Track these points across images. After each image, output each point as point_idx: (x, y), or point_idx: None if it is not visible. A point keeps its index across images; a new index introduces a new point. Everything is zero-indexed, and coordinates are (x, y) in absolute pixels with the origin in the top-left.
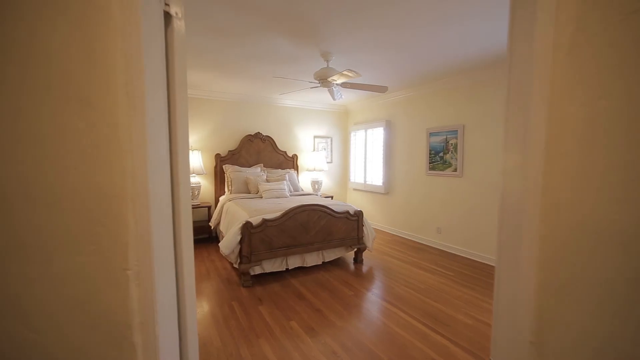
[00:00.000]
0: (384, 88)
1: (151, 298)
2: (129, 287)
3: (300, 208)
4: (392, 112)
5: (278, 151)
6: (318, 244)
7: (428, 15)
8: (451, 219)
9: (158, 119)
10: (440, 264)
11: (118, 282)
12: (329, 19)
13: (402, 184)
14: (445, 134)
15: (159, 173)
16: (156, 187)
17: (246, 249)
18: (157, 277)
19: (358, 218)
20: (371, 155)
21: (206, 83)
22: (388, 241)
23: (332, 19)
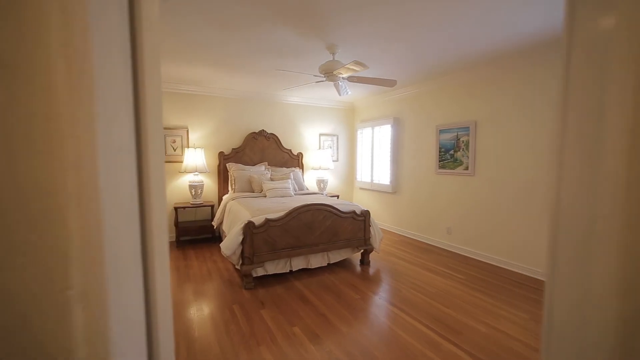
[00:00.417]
0: (393, 82)
1: (103, 325)
2: (70, 312)
3: (305, 207)
4: (400, 109)
5: (283, 149)
6: (323, 245)
7: (438, 5)
8: (462, 219)
9: (115, 92)
10: (450, 266)
11: (56, 306)
12: (335, 9)
13: (410, 182)
14: (456, 131)
15: (116, 163)
16: (112, 181)
17: (248, 250)
18: (112, 298)
19: (365, 218)
20: (378, 154)
21: (209, 79)
22: (395, 242)
23: (338, 9)
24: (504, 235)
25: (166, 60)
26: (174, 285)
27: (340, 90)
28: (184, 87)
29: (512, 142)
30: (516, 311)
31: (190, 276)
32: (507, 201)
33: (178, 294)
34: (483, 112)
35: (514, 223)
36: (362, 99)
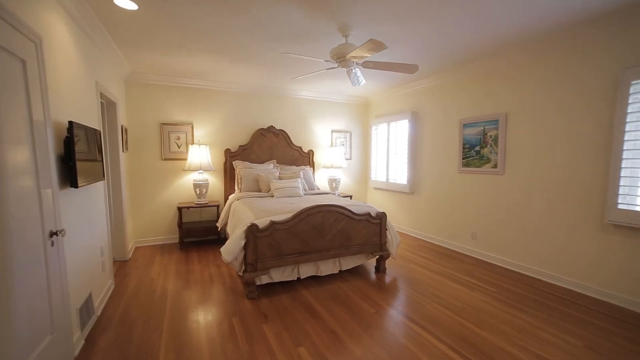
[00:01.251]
0: (414, 67)
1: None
2: None
3: (315, 209)
4: (419, 103)
5: (292, 146)
6: (334, 250)
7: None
8: (489, 222)
9: None
10: (478, 276)
11: None
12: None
13: (429, 182)
14: (482, 125)
15: None
16: None
17: (251, 255)
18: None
19: (381, 221)
20: (394, 151)
21: (214, 71)
22: (414, 247)
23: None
24: (539, 242)
25: (170, 53)
26: (172, 291)
27: (353, 79)
28: (189, 81)
29: (549, 136)
30: (564, 335)
31: (190, 282)
32: (542, 202)
33: (174, 303)
34: (515, 103)
35: (551, 227)
36: (377, 92)
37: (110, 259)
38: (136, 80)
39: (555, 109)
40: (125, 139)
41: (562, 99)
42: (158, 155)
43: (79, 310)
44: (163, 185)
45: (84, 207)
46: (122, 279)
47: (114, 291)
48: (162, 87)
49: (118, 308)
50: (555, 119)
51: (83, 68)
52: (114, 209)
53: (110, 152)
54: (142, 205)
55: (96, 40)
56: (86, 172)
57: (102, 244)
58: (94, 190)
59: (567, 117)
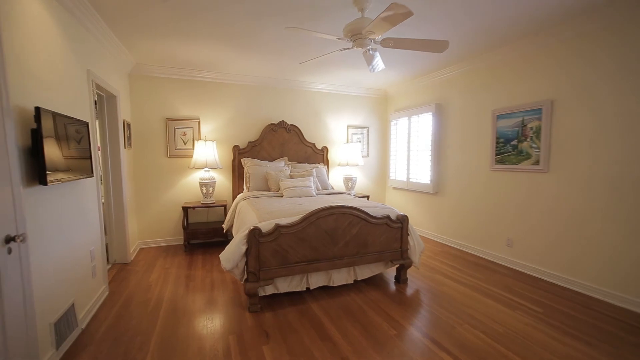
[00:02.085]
0: (443, 44)
1: None
2: None
3: (326, 211)
4: (444, 93)
5: (305, 143)
6: (348, 257)
7: None
8: (528, 227)
9: None
10: (518, 292)
11: None
12: None
13: (456, 181)
14: (521, 115)
15: None
16: None
17: (253, 263)
18: None
19: (402, 225)
20: (416, 148)
21: (220, 61)
22: (438, 253)
23: None
24: (594, 252)
25: (169, 39)
26: (168, 301)
27: (371, 62)
28: (195, 73)
29: (607, 126)
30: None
31: (188, 290)
32: (597, 205)
33: (167, 315)
34: (564, 88)
35: (611, 235)
36: (397, 84)
37: (104, 263)
38: (140, 73)
39: (612, 93)
40: (128, 135)
41: (628, 77)
42: (163, 152)
43: (54, 325)
44: (169, 184)
45: (62, 207)
46: (118, 285)
47: (107, 299)
48: (167, 80)
49: (106, 320)
50: (620, 104)
51: (70, 53)
52: (114, 208)
53: (110, 148)
54: (147, 204)
55: (86, 23)
56: (64, 168)
57: (92, 248)
58: (79, 188)
59: (627, 102)
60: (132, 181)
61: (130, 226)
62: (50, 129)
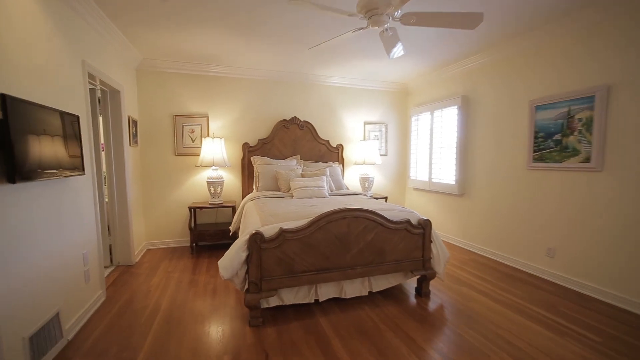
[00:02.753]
0: (476, 18)
1: None
2: None
3: (338, 214)
4: (471, 84)
5: (319, 140)
6: (362, 267)
7: None
8: (575, 235)
9: None
10: (566, 314)
11: None
12: None
13: (486, 181)
14: (566, 105)
15: None
16: None
17: (254, 271)
18: None
19: (424, 230)
20: (439, 145)
21: (228, 54)
22: (465, 262)
23: None
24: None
25: (180, 32)
26: (164, 310)
27: (388, 45)
28: (203, 67)
29: None
30: None
31: (188, 297)
32: None
33: (161, 327)
34: (624, 70)
35: None
36: (418, 76)
37: (101, 267)
38: (148, 68)
39: None
40: (134, 132)
41: None
42: (171, 150)
43: (29, 340)
44: (176, 183)
45: (43, 207)
46: (117, 289)
47: (102, 305)
48: (175, 75)
49: (96, 330)
50: None
51: (58, 40)
52: (118, 208)
53: (114, 145)
54: (154, 204)
55: (79, 9)
56: (46, 164)
57: (85, 250)
58: (68, 186)
59: None
60: (140, 180)
61: (136, 227)
62: (23, 121)
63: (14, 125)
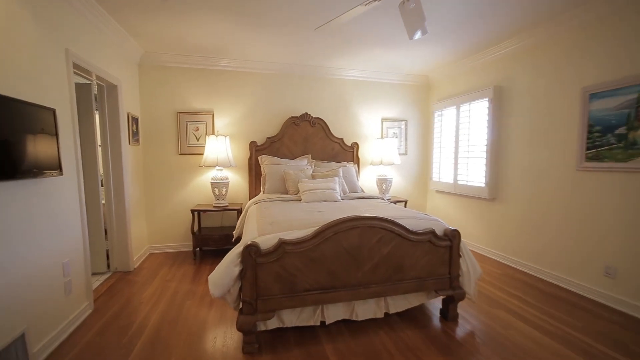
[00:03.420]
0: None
1: None
2: None
3: (348, 223)
4: (505, 72)
5: (332, 138)
6: (377, 285)
7: None
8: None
9: None
10: (637, 351)
11: None
12: None
13: (523, 184)
14: (635, 91)
15: None
16: None
17: (249, 290)
18: None
19: (451, 243)
20: (466, 143)
21: (232, 45)
22: (498, 277)
23: None
24: None
25: (180, 22)
26: (151, 328)
27: (410, 21)
28: (208, 61)
29: None
30: None
31: (181, 312)
32: None
33: (142, 350)
34: None
35: None
36: (442, 66)
37: (87, 277)
38: (150, 62)
39: None
40: (134, 130)
41: None
42: (174, 149)
43: None
44: (180, 184)
45: (5, 212)
46: (108, 300)
47: (88, 319)
48: (178, 70)
49: (71, 351)
50: None
51: (32, 22)
52: (115, 211)
53: (111, 143)
54: (157, 206)
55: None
56: (7, 165)
57: (67, 259)
58: (41, 189)
59: None
60: (141, 181)
61: (137, 230)
62: None
63: None
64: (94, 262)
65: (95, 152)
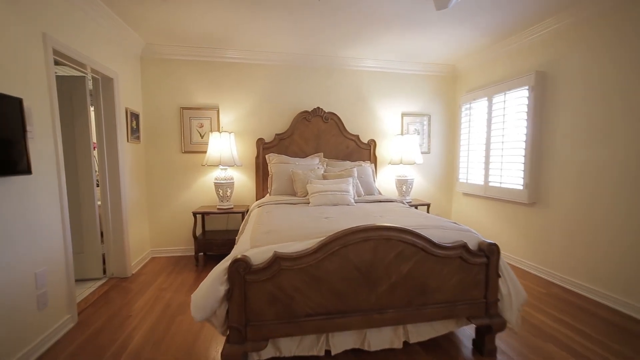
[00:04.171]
0: None
1: None
2: None
3: (359, 234)
4: (551, 55)
5: (347, 135)
6: (395, 310)
7: None
8: None
9: None
10: None
11: None
12: None
13: (573, 187)
14: None
15: None
16: None
17: (236, 313)
18: None
19: (488, 260)
20: (500, 139)
21: (242, 36)
22: (542, 299)
23: None
24: None
25: (180, 7)
26: (132, 349)
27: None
28: (215, 53)
29: None
30: None
31: (170, 329)
32: None
33: None
34: None
35: None
36: (471, 53)
37: (69, 287)
38: (152, 55)
39: None
40: (134, 127)
41: None
42: (177, 147)
43: None
44: (183, 184)
45: None
46: (94, 312)
47: (66, 336)
48: (182, 63)
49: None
50: None
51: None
52: (111, 213)
53: (107, 141)
54: (159, 207)
55: None
56: None
57: (41, 269)
58: (3, 191)
59: None
60: (143, 180)
61: (138, 233)
62: None
63: None
64: (89, 267)
65: (90, 149)
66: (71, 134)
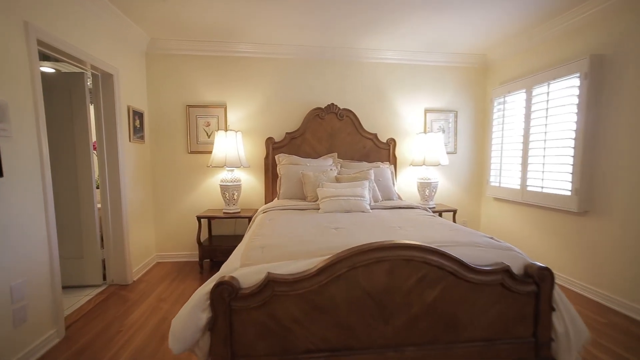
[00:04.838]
0: None
1: None
2: None
3: (371, 254)
4: (607, 36)
5: (363, 134)
6: (416, 347)
7: None
8: None
9: None
10: None
11: None
12: None
13: (635, 193)
14: None
15: None
16: None
17: (220, 346)
18: None
19: (539, 288)
20: (541, 137)
21: (252, 28)
22: (602, 331)
23: None
24: None
25: None
26: None
27: None
28: (222, 47)
29: None
30: None
31: (156, 353)
32: None
33: None
34: None
35: None
36: (506, 39)
37: (56, 300)
38: (157, 50)
39: None
40: (137, 126)
41: None
42: (183, 147)
43: None
44: (189, 186)
45: None
46: (84, 325)
47: (46, 355)
48: (188, 58)
49: None
50: None
51: None
52: (111, 217)
53: (107, 140)
54: (165, 210)
55: None
56: None
57: (19, 281)
58: None
59: None
60: (148, 182)
61: (142, 237)
62: None
63: None
64: (88, 273)
65: (89, 149)
66: (70, 133)
